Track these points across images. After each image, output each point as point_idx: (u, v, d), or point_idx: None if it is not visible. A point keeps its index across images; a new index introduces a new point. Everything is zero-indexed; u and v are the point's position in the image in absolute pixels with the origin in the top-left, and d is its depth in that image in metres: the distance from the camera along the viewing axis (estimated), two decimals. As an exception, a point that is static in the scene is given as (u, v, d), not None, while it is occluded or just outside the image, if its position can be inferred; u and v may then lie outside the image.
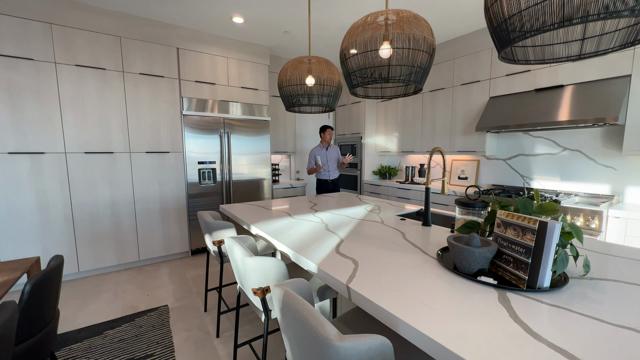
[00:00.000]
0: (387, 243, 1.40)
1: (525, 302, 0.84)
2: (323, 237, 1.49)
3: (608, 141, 2.59)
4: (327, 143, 3.74)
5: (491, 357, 0.62)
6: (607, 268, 1.09)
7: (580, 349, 0.64)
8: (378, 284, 0.97)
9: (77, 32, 2.65)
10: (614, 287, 0.94)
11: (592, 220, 2.26)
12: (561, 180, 2.90)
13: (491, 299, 0.87)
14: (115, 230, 2.96)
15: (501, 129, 2.86)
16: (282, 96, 2.17)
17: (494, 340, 0.67)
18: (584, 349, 0.64)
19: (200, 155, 3.35)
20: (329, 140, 3.72)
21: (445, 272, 1.06)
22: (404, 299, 0.87)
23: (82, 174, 2.76)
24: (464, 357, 0.62)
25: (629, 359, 0.61)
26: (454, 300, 0.86)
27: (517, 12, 0.84)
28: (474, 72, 3.32)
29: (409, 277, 1.02)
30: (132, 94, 2.94)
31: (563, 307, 0.82)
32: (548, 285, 0.91)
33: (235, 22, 3.05)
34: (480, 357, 0.62)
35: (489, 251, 1.00)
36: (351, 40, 1.45)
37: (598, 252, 1.27)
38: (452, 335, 0.70)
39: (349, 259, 1.19)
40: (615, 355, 0.62)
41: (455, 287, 0.94)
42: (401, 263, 1.15)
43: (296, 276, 1.56)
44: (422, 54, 1.40)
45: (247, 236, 1.59)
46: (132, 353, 1.76)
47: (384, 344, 0.70)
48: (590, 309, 0.81)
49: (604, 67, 2.40)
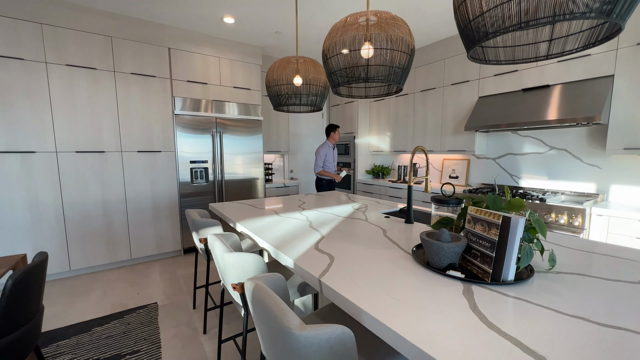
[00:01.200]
0: (367, 240, 1.42)
1: (488, 295, 0.87)
2: (305, 234, 1.52)
3: (593, 140, 2.63)
4: (335, 142, 3.80)
5: (443, 345, 0.65)
6: (575, 262, 1.12)
7: (529, 337, 0.67)
8: (349, 278, 0.99)
9: (67, 32, 2.66)
10: (577, 280, 0.97)
11: (575, 218, 2.29)
12: (548, 179, 2.94)
13: (456, 291, 0.90)
14: (107, 229, 2.98)
15: (489, 128, 2.90)
16: (270, 95, 2.19)
17: (450, 330, 0.70)
18: (534, 337, 0.67)
19: (192, 155, 3.37)
20: (336, 140, 3.79)
21: (417, 267, 1.09)
22: (371, 292, 0.89)
23: (73, 173, 2.78)
24: (416, 344, 0.65)
25: (576, 345, 0.64)
26: (420, 293, 0.89)
27: (479, 14, 0.87)
28: (463, 72, 3.35)
29: (381, 272, 1.04)
30: (124, 94, 2.96)
31: (522, 299, 0.85)
32: (512, 278, 0.94)
33: (226, 23, 3.07)
34: (434, 344, 0.65)
35: (458, 246, 1.03)
36: (332, 41, 1.48)
37: (571, 248, 1.30)
38: (410, 325, 0.72)
39: (326, 255, 1.22)
40: (562, 341, 0.65)
41: (424, 281, 0.97)
42: (376, 259, 1.18)
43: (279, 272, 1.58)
44: (401, 54, 1.43)
45: (231, 233, 1.62)
46: (119, 349, 1.79)
47: (344, 333, 0.73)
48: (548, 301, 0.84)
49: (588, 68, 2.44)
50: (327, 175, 3.72)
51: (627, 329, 0.70)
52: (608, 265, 1.09)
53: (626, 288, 0.91)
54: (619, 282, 0.96)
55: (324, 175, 3.73)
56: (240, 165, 3.73)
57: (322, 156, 3.68)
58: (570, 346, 0.64)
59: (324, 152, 3.68)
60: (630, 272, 1.03)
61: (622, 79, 2.27)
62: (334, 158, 3.79)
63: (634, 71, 2.21)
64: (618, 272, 1.03)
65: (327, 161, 3.73)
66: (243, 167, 3.76)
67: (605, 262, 1.12)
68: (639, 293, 0.88)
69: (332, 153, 3.77)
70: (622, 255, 1.20)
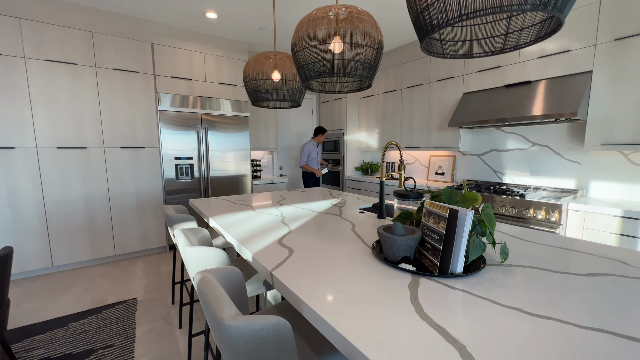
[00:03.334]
0: (334, 234, 1.43)
1: (433, 287, 0.88)
2: (274, 229, 1.52)
3: (573, 136, 2.64)
4: (320, 142, 4.27)
5: (371, 335, 0.65)
6: (532, 255, 1.13)
7: (457, 327, 0.68)
8: (301, 272, 1.00)
9: (47, 27, 2.64)
10: (526, 272, 0.98)
11: (552, 214, 2.31)
12: (531, 175, 2.95)
13: (403, 284, 0.90)
14: (90, 225, 2.97)
15: (472, 124, 2.90)
16: (247, 91, 2.19)
17: (383, 321, 0.71)
18: (462, 327, 0.68)
19: (177, 151, 3.36)
20: (321, 141, 4.28)
21: (374, 260, 1.10)
22: (317, 285, 0.90)
23: (54, 169, 2.77)
24: (342, 334, 0.66)
25: (501, 334, 0.65)
26: (367, 285, 0.89)
27: (425, 7, 0.87)
28: (448, 68, 3.35)
29: (335, 266, 1.05)
30: (106, 89, 2.94)
31: (465, 291, 0.85)
32: (461, 271, 0.95)
33: (209, 18, 3.05)
34: (361, 334, 0.66)
35: (411, 239, 1.03)
36: (299, 35, 1.47)
37: (532, 242, 1.31)
38: (344, 316, 0.73)
39: (286, 249, 1.23)
40: (489, 331, 0.66)
41: (375, 274, 0.97)
42: (336, 253, 1.18)
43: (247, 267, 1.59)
44: (367, 48, 1.42)
45: (201, 228, 1.62)
46: (92, 344, 1.79)
47: (279, 324, 0.73)
48: (489, 292, 0.84)
49: (567, 64, 2.44)
50: (309, 169, 4.13)
51: (557, 319, 0.71)
52: (563, 259, 1.10)
53: (573, 280, 0.92)
54: (568, 274, 0.97)
55: (306, 169, 4.15)
56: (227, 162, 3.73)
57: (306, 152, 4.13)
58: (495, 335, 0.65)
59: (307, 149, 4.12)
60: (581, 265, 1.04)
61: (600, 74, 2.27)
62: (317, 155, 4.19)
63: (611, 67, 2.21)
64: (571, 265, 1.04)
65: (311, 157, 4.15)
66: (229, 164, 3.75)
67: (562, 256, 1.13)
68: (581, 285, 0.89)
69: (316, 151, 4.19)
70: (582, 249, 1.21)
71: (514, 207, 2.52)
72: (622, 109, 2.18)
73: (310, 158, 4.14)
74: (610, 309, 0.75)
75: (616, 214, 2.06)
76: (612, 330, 0.66)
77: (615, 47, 2.19)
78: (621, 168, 2.39)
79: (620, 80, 2.18)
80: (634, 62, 2.11)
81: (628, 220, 2.02)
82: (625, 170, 2.37)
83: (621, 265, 1.04)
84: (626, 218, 2.02)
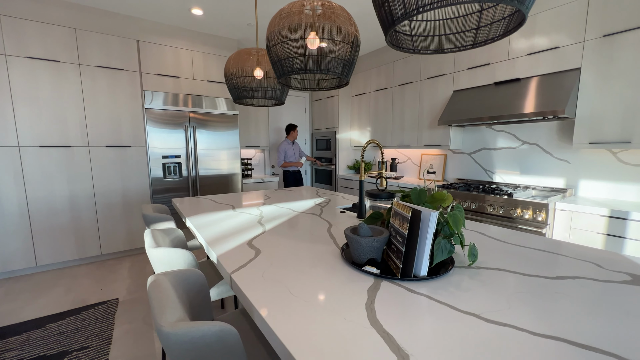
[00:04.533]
0: (308, 235, 1.40)
1: (393, 291, 0.85)
2: (247, 229, 1.49)
3: (562, 135, 2.60)
4: (294, 139, 4.31)
5: (311, 342, 0.62)
6: (503, 257, 1.10)
7: (405, 334, 0.65)
8: (261, 275, 0.97)
9: (28, 24, 2.60)
10: (494, 275, 0.95)
11: (539, 213, 2.27)
12: (521, 174, 2.91)
13: (363, 287, 0.87)
14: (75, 224, 2.94)
15: (461, 122, 2.86)
16: (228, 88, 2.15)
17: (330, 327, 0.68)
18: (410, 334, 0.64)
19: (164, 150, 3.33)
20: (295, 137, 4.32)
21: (340, 262, 1.07)
22: (275, 289, 0.87)
23: (37, 168, 2.74)
24: (282, 341, 0.63)
25: (450, 342, 0.62)
26: (326, 289, 0.86)
27: None
28: (439, 65, 3.30)
29: (299, 268, 1.02)
30: (90, 87, 2.90)
31: (425, 295, 0.82)
32: (425, 273, 0.92)
33: (195, 14, 3.01)
34: (303, 341, 0.62)
35: (376, 240, 1.00)
36: (272, 30, 1.44)
37: (507, 242, 1.28)
38: (292, 321, 0.70)
39: (254, 250, 1.19)
40: (440, 339, 0.63)
41: (338, 277, 0.94)
42: (305, 254, 1.15)
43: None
44: (341, 44, 1.38)
45: (174, 229, 1.59)
46: (67, 345, 1.76)
47: (223, 331, 0.70)
48: (450, 297, 0.81)
49: (556, 61, 2.40)
50: (290, 165, 4.15)
51: (513, 325, 0.68)
52: (537, 261, 1.07)
53: (541, 283, 0.89)
54: (537, 277, 0.94)
55: (287, 167, 4.17)
56: (216, 160, 3.69)
57: (282, 151, 4.16)
58: (444, 344, 0.61)
59: (283, 148, 4.17)
60: (553, 268, 1.01)
61: (589, 71, 2.23)
62: (294, 152, 4.28)
63: (600, 64, 2.17)
64: (542, 267, 1.01)
65: (288, 155, 4.21)
66: (219, 163, 3.72)
67: (536, 258, 1.10)
68: (548, 288, 0.85)
69: (292, 148, 4.27)
70: (558, 250, 1.18)
71: (502, 207, 2.49)
72: (610, 106, 2.15)
73: (287, 155, 4.19)
74: (571, 314, 0.72)
75: (603, 213, 2.02)
76: (566, 338, 0.63)
77: (604, 43, 2.15)
78: (610, 167, 2.35)
79: (609, 77, 2.14)
80: (622, 59, 2.07)
81: (614, 220, 1.98)
82: (615, 169, 2.33)
83: (594, 268, 1.01)
84: (612, 218, 1.99)
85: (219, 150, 3.70)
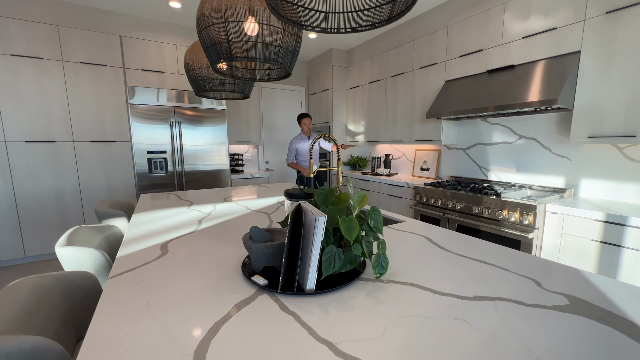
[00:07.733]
0: (235, 237, 1.30)
1: (264, 306, 0.73)
2: (180, 228, 1.42)
3: (562, 128, 2.31)
4: (307, 133, 3.42)
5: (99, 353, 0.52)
6: (426, 269, 0.94)
7: None
8: (137, 283, 0.88)
9: (10, 22, 2.66)
10: (398, 291, 0.80)
11: (526, 216, 2.03)
12: (517, 172, 2.64)
13: (234, 301, 0.76)
14: (62, 217, 3.02)
15: (450, 115, 2.63)
16: (189, 80, 2.07)
17: (151, 347, 0.57)
18: None
19: (149, 145, 3.34)
20: (307, 130, 3.39)
21: (237, 271, 0.96)
22: (133, 298, 0.77)
23: (23, 163, 2.82)
24: None
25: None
26: (195, 299, 0.76)
27: None
28: (431, 54, 3.06)
29: (189, 275, 0.92)
30: (73, 83, 2.95)
31: (294, 314, 0.70)
32: (312, 287, 0.79)
33: (173, 7, 2.96)
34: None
35: (267, 247, 0.88)
36: (206, 8, 1.32)
37: (451, 251, 1.11)
38: (117, 337, 0.60)
39: (161, 252, 1.11)
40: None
41: (218, 289, 0.83)
42: (210, 259, 1.05)
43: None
44: (278, 30, 1.26)
45: (111, 225, 1.54)
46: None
47: (36, 347, 0.61)
48: (318, 318, 0.68)
49: (553, 44, 2.12)
50: (297, 168, 3.43)
51: (363, 362, 0.54)
52: (465, 274, 0.90)
53: (446, 305, 0.74)
54: (449, 296, 0.78)
55: (294, 168, 3.46)
56: (203, 156, 3.67)
57: (291, 149, 3.42)
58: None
59: (294, 144, 3.40)
60: (479, 283, 0.84)
61: (589, 55, 1.95)
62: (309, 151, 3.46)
63: (602, 46, 1.88)
64: (466, 282, 0.85)
65: (300, 154, 3.40)
66: (206, 158, 3.69)
67: (468, 270, 0.93)
68: (450, 313, 0.70)
69: (306, 145, 3.38)
70: (505, 262, 1.00)
71: (488, 208, 2.26)
72: (612, 94, 1.86)
73: (299, 155, 3.42)
74: (444, 351, 0.57)
75: (598, 218, 1.76)
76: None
77: (607, 21, 1.86)
78: (615, 164, 2.06)
79: (611, 60, 1.85)
80: (627, 39, 1.78)
81: (611, 226, 1.72)
82: (621, 167, 2.04)
83: (531, 286, 0.83)
84: (609, 223, 1.73)
85: (206, 146, 3.68)
